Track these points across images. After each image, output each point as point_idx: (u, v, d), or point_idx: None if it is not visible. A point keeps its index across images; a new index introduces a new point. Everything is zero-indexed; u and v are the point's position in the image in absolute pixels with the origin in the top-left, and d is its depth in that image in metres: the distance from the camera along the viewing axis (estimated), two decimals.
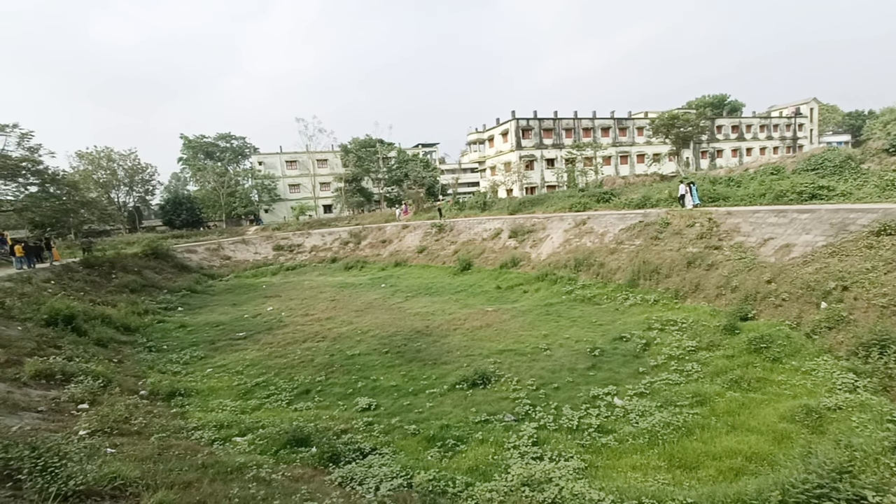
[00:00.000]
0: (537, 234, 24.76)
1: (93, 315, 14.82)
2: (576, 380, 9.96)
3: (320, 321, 16.70)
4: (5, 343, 10.25)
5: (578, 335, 12.86)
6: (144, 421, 7.70)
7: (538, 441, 7.44)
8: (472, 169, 73.82)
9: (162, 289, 24.29)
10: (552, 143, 49.95)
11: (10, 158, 22.72)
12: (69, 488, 4.42)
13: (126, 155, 55.16)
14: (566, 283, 18.52)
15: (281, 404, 9.78)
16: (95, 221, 33.15)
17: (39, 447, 5.04)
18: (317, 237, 38.06)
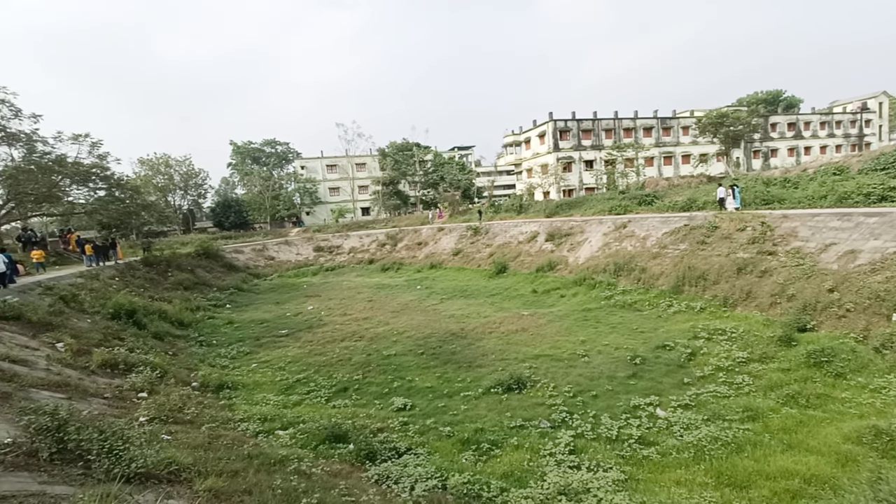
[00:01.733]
0: (575, 238, 24.21)
1: (151, 310, 15.90)
2: (615, 388, 9.66)
3: (358, 321, 17.11)
4: (77, 334, 11.20)
5: (618, 342, 12.46)
6: (196, 411, 8.18)
7: (575, 450, 7.27)
8: (507, 171, 73.29)
9: (212, 287, 25.71)
10: (591, 144, 48.74)
11: (83, 165, 24.87)
12: (131, 470, 4.78)
13: (181, 161, 58.97)
14: (605, 288, 18.00)
15: (320, 401, 10.10)
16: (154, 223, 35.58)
17: (106, 431, 5.47)
18: (355, 239, 39.03)
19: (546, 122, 48.58)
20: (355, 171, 60.70)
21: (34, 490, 4.02)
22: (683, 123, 51.95)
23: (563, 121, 47.97)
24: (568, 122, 48.09)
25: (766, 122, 55.45)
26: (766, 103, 67.02)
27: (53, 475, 4.56)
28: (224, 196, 63.85)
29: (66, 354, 9.53)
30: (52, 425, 5.13)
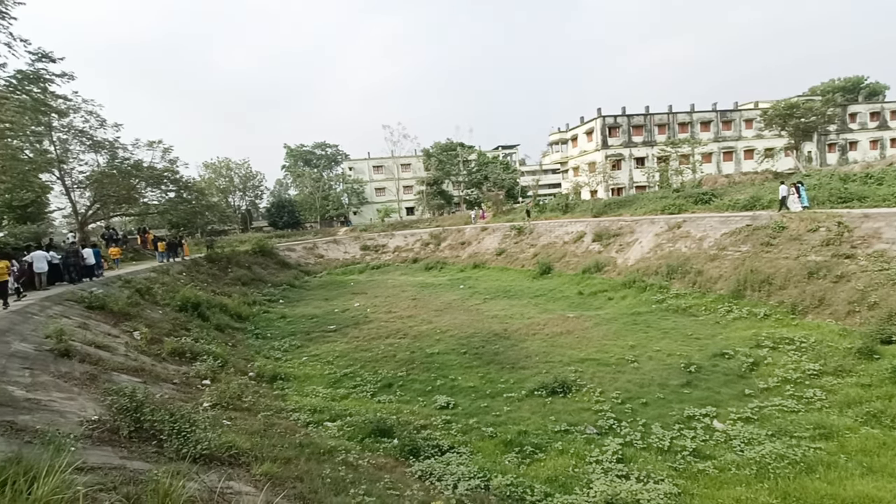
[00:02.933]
0: (624, 238, 23.27)
1: (213, 303, 17.10)
2: (667, 396, 9.20)
3: (402, 319, 17.44)
4: (151, 324, 12.28)
5: (671, 348, 11.85)
6: (253, 400, 8.71)
7: (623, 458, 7.01)
8: (553, 170, 71.70)
9: (267, 282, 27.19)
10: (642, 140, 46.62)
11: (156, 169, 27.28)
12: (197, 451, 5.18)
13: (240, 164, 62.89)
14: (657, 291, 17.17)
15: (366, 395, 10.41)
16: (216, 222, 38.29)
17: (175, 414, 5.97)
18: (400, 238, 39.79)
19: (594, 118, 47.05)
20: (400, 172, 61.87)
21: (116, 464, 4.45)
22: (746, 116, 48.39)
23: (613, 117, 46.23)
24: (617, 117, 46.29)
25: (845, 111, 50.41)
26: (844, 91, 60.88)
27: (132, 451, 5.04)
28: (278, 197, 67.30)
29: (141, 342, 10.48)
30: (131, 406, 5.67)
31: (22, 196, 22.17)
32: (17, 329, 8.57)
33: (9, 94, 16.21)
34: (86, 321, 10.61)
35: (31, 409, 5.26)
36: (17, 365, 6.73)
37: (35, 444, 4.22)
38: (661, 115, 47.02)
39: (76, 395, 6.34)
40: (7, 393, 5.46)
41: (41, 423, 4.82)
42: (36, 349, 7.66)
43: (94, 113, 24.49)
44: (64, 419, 5.31)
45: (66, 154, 24.27)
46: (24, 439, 4.29)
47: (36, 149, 21.79)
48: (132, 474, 4.18)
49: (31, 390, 5.91)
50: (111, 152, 25.67)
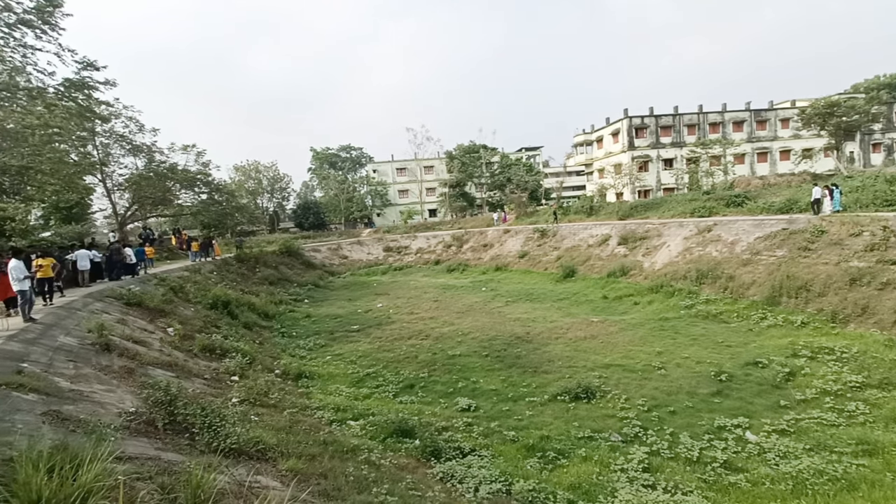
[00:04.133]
0: (651, 242, 22.70)
1: (242, 302, 17.63)
2: (696, 405, 8.91)
3: (424, 320, 17.52)
4: (183, 320, 12.76)
5: (700, 356, 11.48)
6: (279, 397, 8.92)
7: (650, 468, 6.83)
8: (577, 172, 70.62)
9: (293, 282, 27.82)
10: (671, 141, 45.37)
11: (190, 172, 28.43)
12: (227, 445, 5.35)
13: (269, 167, 64.68)
14: (685, 296, 16.66)
15: (388, 395, 10.50)
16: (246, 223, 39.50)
17: (207, 408, 6.18)
18: (422, 240, 40.01)
19: (620, 119, 46.12)
20: (423, 174, 62.20)
21: (151, 454, 4.65)
22: (782, 115, 46.44)
23: (640, 117, 45.20)
24: (645, 118, 45.22)
25: (891, 109, 47.69)
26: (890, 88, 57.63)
27: (166, 443, 5.26)
28: (304, 199, 68.76)
29: (175, 338, 10.91)
30: (165, 399, 5.91)
31: (68, 198, 23.45)
32: (62, 324, 9.06)
33: (57, 101, 17.20)
34: (124, 317, 11.13)
35: (74, 399, 5.55)
36: (62, 357, 7.12)
37: (79, 433, 4.45)
38: (691, 115, 45.66)
39: (115, 387, 6.66)
40: (54, 384, 5.78)
41: (84, 414, 5.08)
42: (79, 343, 8.09)
43: (134, 118, 25.72)
44: (104, 410, 5.58)
45: (107, 158, 25.57)
46: (69, 428, 4.53)
47: (81, 153, 23.03)
48: (167, 465, 4.36)
49: (74, 382, 6.24)
50: (148, 156, 26.89)
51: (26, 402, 4.95)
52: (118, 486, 2.92)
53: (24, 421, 4.33)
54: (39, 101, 16.89)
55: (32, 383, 5.44)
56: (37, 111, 16.77)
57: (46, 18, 15.46)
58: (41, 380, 5.70)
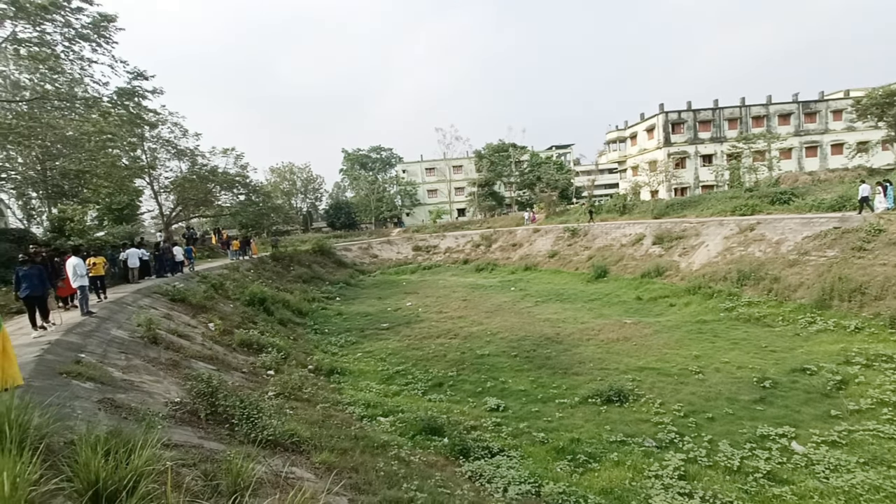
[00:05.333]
0: (688, 241, 21.84)
1: (277, 299, 18.25)
2: (737, 412, 8.52)
3: (452, 319, 17.58)
4: (223, 316, 13.36)
5: (741, 360, 10.96)
6: (312, 391, 9.20)
7: (686, 475, 6.59)
8: (610, 170, 68.79)
9: (325, 280, 28.56)
10: (710, 136, 43.43)
11: (230, 174, 29.73)
12: (264, 436, 5.58)
13: (302, 168, 66.60)
14: (725, 298, 15.93)
15: (417, 393, 10.62)
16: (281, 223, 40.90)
17: (245, 401, 6.46)
18: (451, 239, 40.11)
19: (656, 114, 44.57)
20: (452, 174, 62.34)
21: (195, 443, 4.91)
22: (834, 107, 43.51)
23: (677, 112, 43.51)
24: (682, 113, 43.49)
25: None
26: None
27: (208, 432, 5.53)
28: (336, 199, 70.32)
29: (215, 333, 11.44)
30: (207, 391, 6.22)
31: (119, 199, 25.03)
32: (114, 318, 9.68)
33: (111, 109, 18.37)
34: (169, 312, 11.77)
35: (126, 388, 5.93)
36: (115, 349, 7.62)
37: (130, 420, 4.76)
38: (733, 108, 43.54)
39: (162, 378, 7.06)
40: (108, 374, 6.19)
41: (135, 402, 5.43)
42: (130, 336, 8.62)
43: (179, 124, 27.13)
44: (152, 399, 5.94)
45: (154, 161, 27.10)
46: (122, 415, 4.85)
47: (131, 157, 24.52)
48: (209, 453, 4.59)
49: (126, 372, 6.66)
50: (192, 159, 28.30)
51: (84, 389, 5.34)
52: (166, 470, 3.11)
53: (82, 407, 4.67)
54: (95, 109, 18.09)
55: (89, 372, 5.85)
56: (92, 119, 17.97)
57: (101, 32, 16.54)
58: (97, 370, 6.12)
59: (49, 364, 5.95)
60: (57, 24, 15.53)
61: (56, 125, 16.99)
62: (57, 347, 6.85)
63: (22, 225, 25.83)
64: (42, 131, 16.31)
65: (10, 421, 2.80)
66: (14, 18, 14.50)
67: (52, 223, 16.83)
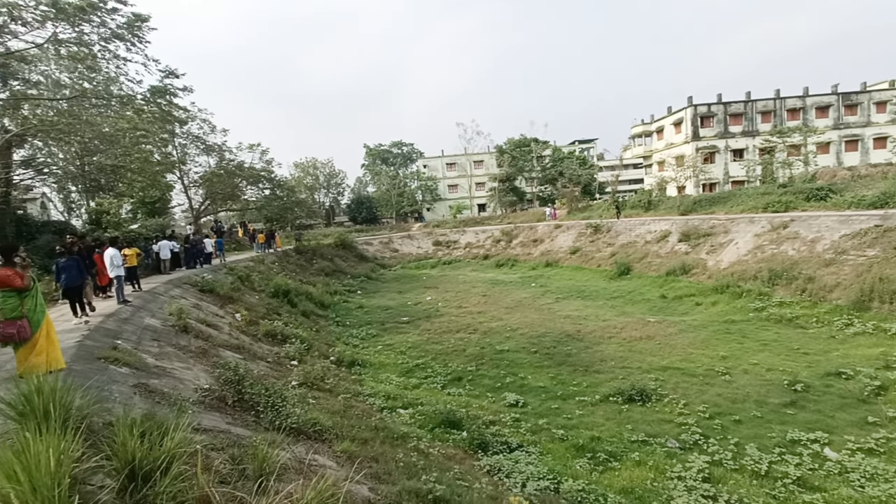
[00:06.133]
0: (716, 238, 21.16)
1: (300, 292, 18.64)
2: (766, 416, 8.25)
3: (472, 314, 17.59)
4: (249, 307, 13.74)
5: (771, 362, 10.59)
6: (334, 382, 9.38)
7: (710, 478, 6.44)
8: (634, 165, 67.19)
9: (347, 274, 28.99)
10: (741, 130, 41.81)
11: (255, 169, 30.47)
12: (287, 424, 5.72)
13: (325, 163, 67.60)
14: (755, 297, 15.39)
15: (436, 386, 10.69)
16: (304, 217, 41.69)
17: (270, 389, 6.65)
18: (471, 234, 40.04)
19: (684, 107, 43.17)
20: (473, 169, 62.13)
21: (223, 428, 5.09)
22: (878, 98, 41.18)
23: (706, 105, 42.03)
24: (712, 105, 41.98)
25: None
26: None
27: (235, 418, 5.72)
28: (358, 194, 71.15)
29: (241, 323, 11.78)
30: (234, 379, 6.42)
31: (152, 193, 25.97)
32: (147, 307, 10.09)
33: (144, 106, 19.05)
34: (199, 302, 12.18)
35: (159, 374, 6.19)
36: (148, 336, 7.95)
37: (163, 404, 4.97)
38: (766, 101, 41.74)
39: (192, 365, 7.34)
40: (142, 360, 6.47)
41: (167, 388, 5.66)
42: (162, 324, 8.98)
43: (207, 120, 27.91)
44: (183, 385, 6.17)
45: (184, 157, 27.99)
46: (155, 399, 5.07)
47: (162, 153, 25.38)
48: (236, 438, 4.75)
49: (158, 359, 6.95)
50: (219, 155, 29.10)
51: (120, 374, 5.60)
52: (196, 453, 3.23)
53: (119, 391, 4.90)
54: (129, 107, 18.79)
55: (125, 358, 6.13)
56: (127, 116, 18.66)
57: (135, 32, 17.12)
58: (132, 356, 6.41)
59: (88, 349, 6.26)
60: (94, 24, 16.16)
61: (94, 122, 17.72)
62: (95, 334, 7.20)
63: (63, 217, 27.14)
64: (81, 128, 17.05)
65: (54, 402, 2.96)
66: (54, 20, 15.16)
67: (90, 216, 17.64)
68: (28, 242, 15.09)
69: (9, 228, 16.67)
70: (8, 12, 14.30)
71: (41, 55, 16.64)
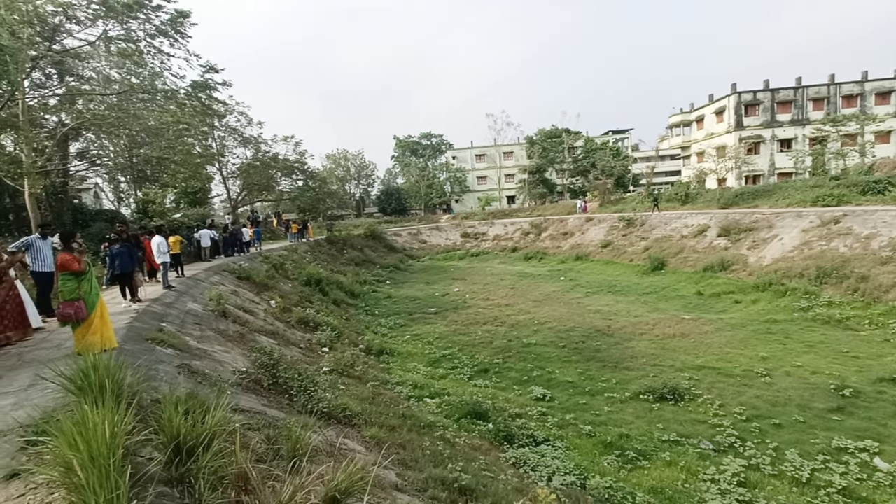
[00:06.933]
0: (759, 234, 20.13)
1: (331, 281, 19.11)
2: (809, 421, 7.85)
3: (499, 307, 17.53)
4: (283, 295, 14.22)
5: (817, 365, 10.04)
6: (363, 370, 9.60)
7: (746, 483, 6.22)
8: (671, 156, 64.52)
9: (376, 264, 29.46)
10: (790, 118, 39.31)
11: (289, 161, 31.30)
12: (319, 409, 5.92)
13: (356, 155, 68.58)
14: (800, 296, 14.58)
15: (463, 377, 10.76)
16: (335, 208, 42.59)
17: (303, 374, 6.88)
18: (499, 227, 39.74)
19: (726, 95, 40.96)
20: (503, 160, 61.45)
21: (258, 409, 5.32)
22: None
23: (751, 92, 39.72)
24: (757, 93, 39.64)
25: None
26: None
27: (270, 401, 5.97)
28: (387, 185, 71.86)
29: (276, 310, 12.21)
30: (269, 363, 6.68)
31: (193, 184, 27.16)
32: (190, 292, 10.62)
33: (186, 100, 19.86)
34: (236, 289, 12.71)
35: (200, 356, 6.52)
36: (190, 320, 8.37)
37: (204, 384, 5.24)
38: (819, 87, 39.00)
39: (230, 349, 7.69)
40: (185, 342, 6.83)
41: (208, 369, 5.96)
42: (203, 309, 9.43)
43: (245, 113, 28.81)
44: (222, 367, 6.48)
45: (223, 149, 29.04)
46: (197, 380, 5.35)
47: (203, 145, 26.44)
48: (271, 419, 4.96)
49: (200, 342, 7.31)
50: (256, 146, 30.05)
51: (166, 355, 5.94)
52: (235, 432, 3.40)
53: (164, 370, 5.21)
54: (173, 101, 19.63)
55: (170, 340, 6.49)
56: (171, 110, 19.52)
57: (178, 28, 17.81)
58: (176, 338, 6.78)
59: (137, 331, 6.67)
60: (140, 20, 16.91)
61: (140, 115, 18.66)
62: (144, 316, 7.65)
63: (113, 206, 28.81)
64: (129, 121, 17.99)
65: (109, 378, 3.18)
66: (105, 17, 15.97)
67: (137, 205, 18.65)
68: (83, 229, 16.15)
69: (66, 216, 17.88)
70: (63, 11, 15.16)
71: (93, 52, 17.60)
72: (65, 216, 18.37)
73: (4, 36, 12.52)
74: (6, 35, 12.69)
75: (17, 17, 13.84)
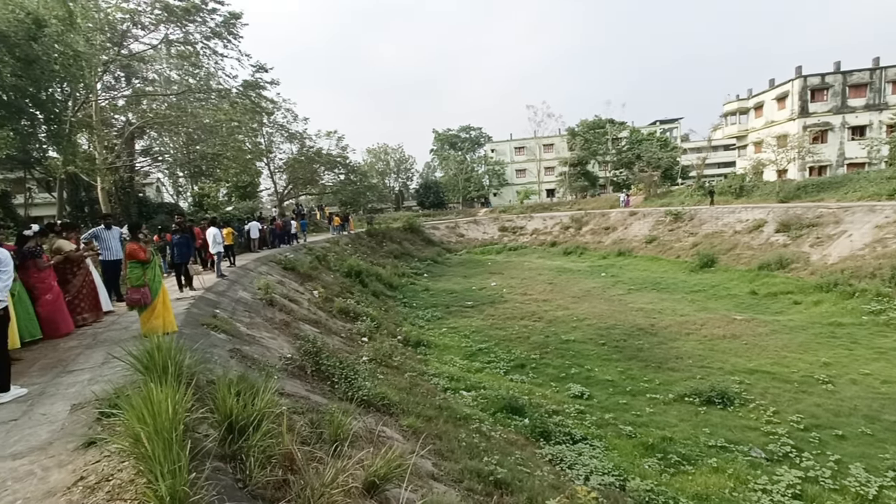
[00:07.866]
0: (824, 230, 18.59)
1: (371, 272, 19.57)
2: (877, 434, 7.23)
3: (537, 302, 17.29)
4: (325, 285, 14.74)
5: (888, 374, 9.21)
6: (401, 360, 9.80)
7: (803, 496, 5.83)
8: (725, 146, 60.57)
9: (414, 257, 29.83)
10: (865, 103, 35.71)
11: (332, 155, 32.25)
12: (359, 396, 6.12)
13: (395, 149, 69.50)
14: (871, 298, 13.37)
15: (499, 372, 10.74)
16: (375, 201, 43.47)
17: (344, 362, 7.14)
18: (538, 221, 39.06)
19: (790, 80, 37.78)
20: (542, 153, 60.17)
21: (302, 394, 5.57)
22: None
23: (819, 75, 36.40)
24: (826, 76, 36.27)
25: None
26: None
27: (313, 387, 6.24)
28: (426, 178, 72.27)
29: (319, 299, 12.69)
30: (313, 351, 6.98)
31: (243, 179, 28.60)
32: (240, 281, 11.23)
33: (238, 99, 20.90)
34: (282, 279, 13.31)
35: (250, 342, 6.91)
36: (241, 308, 8.87)
37: (253, 368, 5.56)
38: None
39: (276, 336, 8.08)
40: (236, 328, 7.26)
41: (257, 354, 6.31)
42: (252, 297, 9.96)
43: (290, 110, 29.90)
44: (269, 353, 6.84)
45: (271, 145, 30.32)
46: (247, 364, 5.68)
47: (253, 142, 27.73)
48: (314, 405, 5.19)
49: (250, 328, 7.74)
50: (301, 142, 31.15)
51: (220, 339, 6.34)
52: (281, 414, 3.60)
53: (218, 354, 5.56)
54: (226, 100, 20.71)
55: (223, 326, 6.92)
56: (224, 108, 20.60)
57: (230, 29, 18.73)
58: (228, 324, 7.21)
59: (194, 316, 7.15)
60: (197, 23, 17.92)
61: (196, 114, 19.83)
62: (200, 303, 8.19)
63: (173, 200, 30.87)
64: (187, 119, 19.19)
65: (171, 359, 3.45)
66: (166, 22, 17.05)
67: (194, 198, 19.90)
68: (147, 221, 17.46)
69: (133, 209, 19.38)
70: (130, 17, 16.32)
71: (155, 55, 18.86)
72: (131, 209, 19.92)
73: (81, 43, 13.65)
74: (82, 42, 13.83)
75: (91, 24, 15.05)
